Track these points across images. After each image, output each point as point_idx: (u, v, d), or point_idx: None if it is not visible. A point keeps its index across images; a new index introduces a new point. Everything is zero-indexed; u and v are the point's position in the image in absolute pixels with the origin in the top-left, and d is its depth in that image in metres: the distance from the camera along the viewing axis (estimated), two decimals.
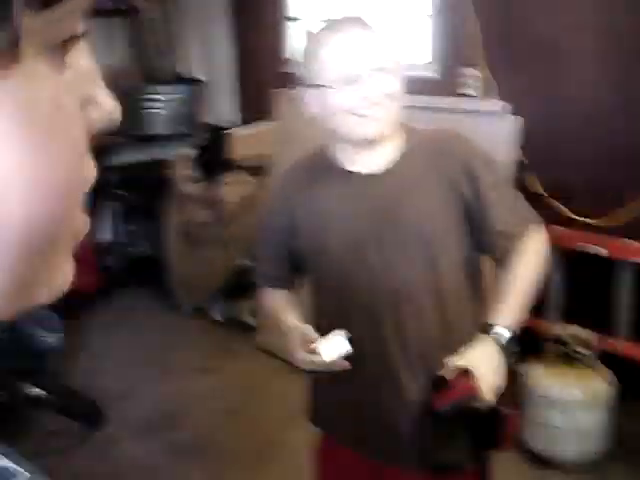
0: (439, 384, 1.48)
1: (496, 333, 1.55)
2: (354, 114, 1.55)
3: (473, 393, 1.45)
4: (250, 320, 4.46)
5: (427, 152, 1.65)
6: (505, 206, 1.64)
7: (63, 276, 0.41)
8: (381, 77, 1.54)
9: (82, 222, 0.42)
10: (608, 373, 2.99)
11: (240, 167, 4.51)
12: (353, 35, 1.55)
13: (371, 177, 1.64)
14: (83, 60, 0.40)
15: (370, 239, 1.62)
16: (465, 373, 1.47)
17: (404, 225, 1.62)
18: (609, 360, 3.12)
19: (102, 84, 0.42)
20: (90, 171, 0.41)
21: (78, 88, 0.39)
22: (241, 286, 4.50)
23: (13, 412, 3.35)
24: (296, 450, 3.26)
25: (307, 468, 3.07)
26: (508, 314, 1.59)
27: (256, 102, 5.06)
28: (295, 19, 4.98)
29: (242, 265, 4.47)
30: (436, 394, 1.49)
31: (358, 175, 1.65)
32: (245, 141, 4.55)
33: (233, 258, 4.47)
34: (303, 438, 3.29)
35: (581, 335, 3.00)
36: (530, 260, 1.63)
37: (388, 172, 1.64)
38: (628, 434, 3.12)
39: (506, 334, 1.56)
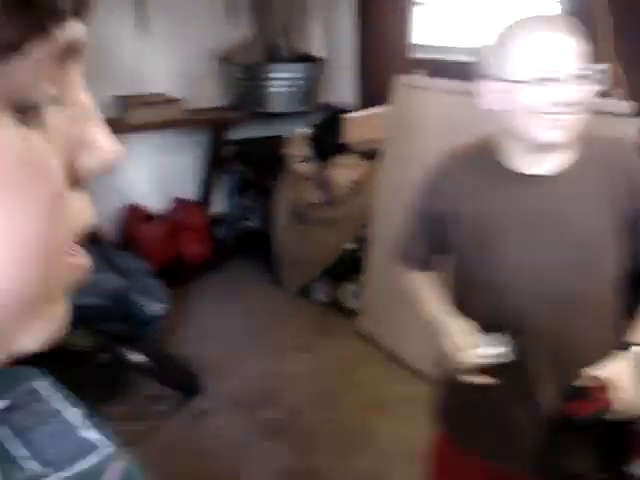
0: (576, 394, 1.47)
1: (636, 351, 1.53)
2: (544, 116, 1.49)
3: (611, 406, 1.45)
4: (353, 304, 4.45)
5: (599, 162, 1.60)
6: None
7: (55, 322, 0.41)
8: (580, 83, 1.47)
9: (73, 269, 0.41)
10: None
11: (353, 150, 4.48)
12: (559, 36, 1.47)
13: (542, 179, 1.60)
14: (79, 97, 0.39)
15: (539, 241, 1.59)
16: (603, 386, 1.46)
17: (571, 231, 1.58)
18: None
19: (100, 123, 0.40)
20: (82, 215, 0.40)
21: (71, 129, 0.38)
22: (347, 269, 4.49)
23: (113, 375, 3.48)
24: (383, 438, 3.26)
25: (393, 456, 3.09)
26: None
27: (376, 86, 5.00)
28: (421, 4, 4.87)
29: (349, 248, 4.45)
30: (572, 403, 1.48)
31: (527, 176, 1.61)
32: (360, 124, 4.50)
33: (341, 241, 4.46)
34: (391, 427, 3.30)
35: None
36: None
37: (559, 177, 1.59)
38: None
39: None
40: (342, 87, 5.48)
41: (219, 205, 5.54)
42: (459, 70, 4.41)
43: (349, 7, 5.39)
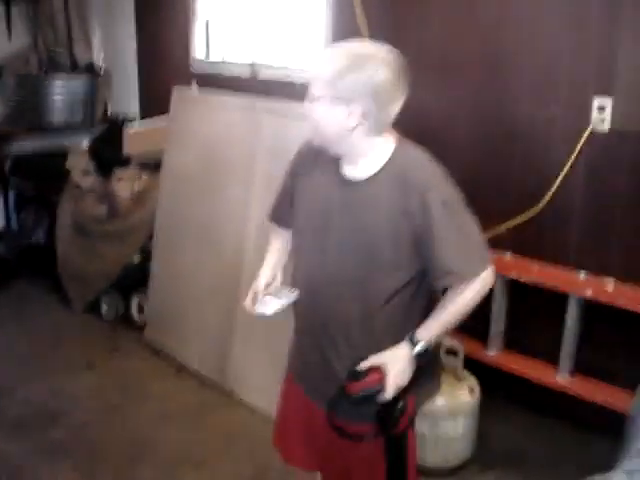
0: (353, 375, 1.80)
1: (413, 342, 1.81)
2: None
3: (379, 386, 1.79)
4: (140, 317, 4.43)
5: (396, 175, 1.78)
6: (453, 246, 1.76)
7: None
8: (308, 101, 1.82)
9: None
10: (474, 382, 3.08)
11: (135, 162, 4.47)
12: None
13: (350, 182, 1.84)
14: None
15: (331, 231, 1.85)
16: (378, 369, 1.80)
17: (358, 230, 1.81)
18: (477, 367, 3.23)
19: None
20: None
21: None
22: (133, 282, 4.47)
23: None
24: (168, 447, 3.28)
25: (178, 464, 3.12)
26: (429, 331, 1.82)
27: (158, 97, 5.01)
28: (202, 17, 4.95)
29: (134, 261, 4.43)
30: (349, 382, 1.81)
31: (344, 178, 1.85)
32: (140, 136, 4.50)
33: (126, 254, 4.42)
34: (175, 438, 3.34)
35: (448, 344, 3.08)
36: (466, 296, 1.79)
37: (363, 182, 1.81)
38: (489, 441, 3.24)
39: (420, 346, 1.81)
40: (125, 98, 5.45)
41: (0, 221, 5.32)
42: (236, 84, 4.54)
43: (130, 18, 5.37)
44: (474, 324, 3.47)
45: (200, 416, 3.53)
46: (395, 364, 1.80)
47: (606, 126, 3.07)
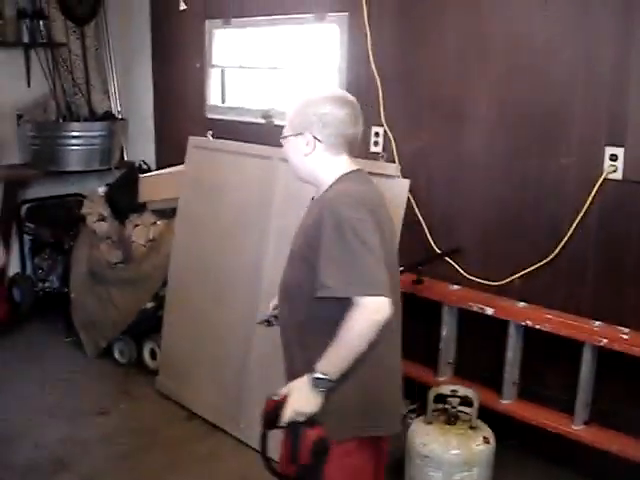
0: (271, 396, 2.01)
1: (313, 377, 1.93)
2: None
3: (277, 409, 1.96)
4: (153, 363, 4.43)
5: (319, 204, 2.03)
6: (335, 262, 1.89)
7: None
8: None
9: None
10: (488, 431, 3.05)
11: (150, 209, 4.51)
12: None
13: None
14: None
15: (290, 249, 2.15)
16: (283, 396, 1.98)
17: (294, 246, 2.11)
18: (490, 416, 3.20)
19: None
20: None
21: None
22: (146, 329, 4.47)
23: None
24: None
25: None
26: (327, 360, 1.93)
27: (173, 144, 5.09)
28: (218, 67, 5.04)
29: (149, 307, 4.44)
30: (267, 401, 2.01)
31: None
32: (156, 183, 4.55)
33: (140, 300, 4.44)
34: None
35: (464, 393, 3.06)
36: (350, 324, 1.88)
37: (311, 203, 2.15)
38: None
39: (316, 374, 1.93)
40: (141, 145, 5.52)
41: (15, 266, 5.36)
42: (251, 130, 4.59)
43: (147, 67, 5.47)
44: (488, 373, 3.50)
45: (211, 464, 3.51)
46: (294, 391, 1.95)
47: (619, 175, 3.09)
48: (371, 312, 1.87)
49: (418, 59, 3.76)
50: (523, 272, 3.41)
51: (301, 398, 1.94)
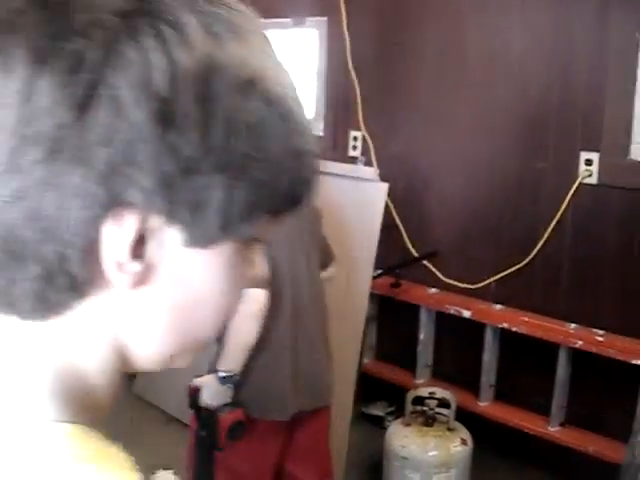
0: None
1: (219, 376, 2.19)
2: None
3: (194, 396, 2.24)
4: None
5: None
6: None
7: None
8: None
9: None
10: (466, 433, 3.08)
11: None
12: None
13: None
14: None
15: None
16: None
17: None
18: (468, 418, 3.23)
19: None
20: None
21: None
22: None
23: None
24: None
25: None
26: (226, 362, 2.18)
27: None
28: None
29: None
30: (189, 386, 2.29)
31: None
32: None
33: None
34: None
35: (441, 395, 3.08)
36: (238, 321, 2.05)
37: None
38: None
39: (225, 376, 2.18)
40: None
41: None
42: None
43: None
44: (465, 375, 3.53)
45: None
46: (204, 388, 2.21)
47: (594, 179, 3.13)
48: (249, 303, 2.05)
49: (397, 64, 3.79)
50: (500, 275, 3.44)
51: (211, 394, 2.18)
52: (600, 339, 3.07)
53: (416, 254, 3.73)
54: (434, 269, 3.67)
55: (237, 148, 0.56)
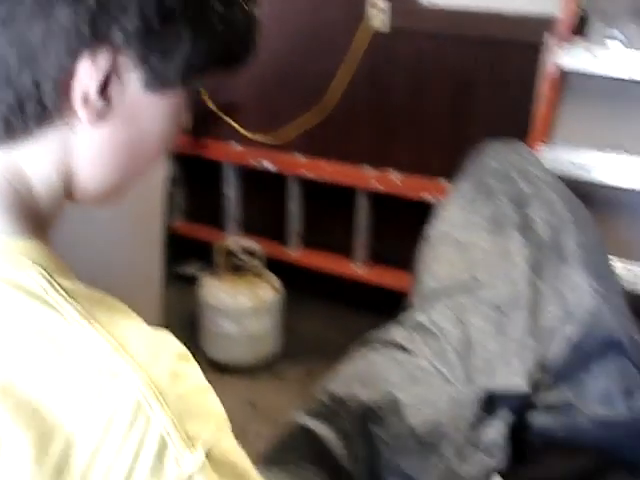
0: None
1: None
2: None
3: None
4: None
5: None
6: None
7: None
8: None
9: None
10: (276, 280, 3.19)
11: None
12: None
13: None
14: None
15: None
16: None
17: None
18: (280, 267, 3.34)
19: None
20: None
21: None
22: None
23: None
24: None
25: None
26: None
27: None
28: None
29: None
30: None
31: None
32: None
33: None
34: None
35: (249, 246, 3.15)
36: None
37: None
38: (296, 335, 3.39)
39: None
40: None
41: None
42: None
43: None
44: (273, 227, 3.61)
45: None
46: None
47: (385, 26, 3.18)
48: None
49: None
50: (300, 126, 3.48)
51: None
52: (397, 182, 3.23)
53: (214, 109, 3.68)
54: (235, 124, 3.65)
55: (209, 1, 0.63)
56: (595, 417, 1.19)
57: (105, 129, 0.65)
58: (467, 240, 1.50)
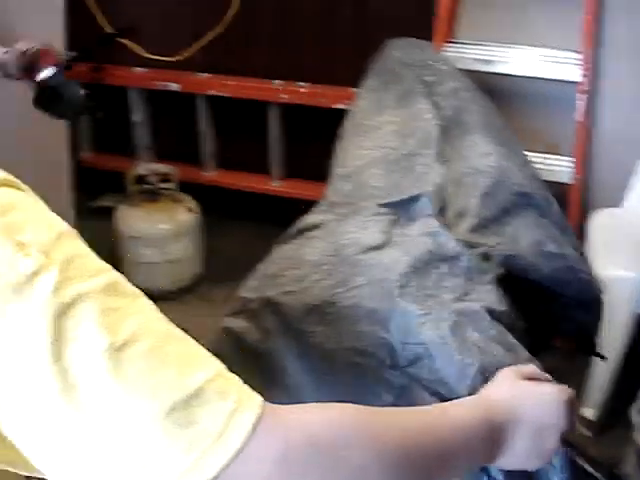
0: None
1: None
2: None
3: None
4: None
5: None
6: None
7: None
8: None
9: None
10: (192, 203, 3.16)
11: None
12: None
13: None
14: None
15: None
16: None
17: None
18: (196, 190, 3.30)
19: None
20: None
21: None
22: None
23: None
24: None
25: None
26: None
27: None
28: None
29: None
30: None
31: None
32: None
33: None
34: None
35: (162, 170, 3.10)
36: None
37: None
38: (218, 256, 3.38)
39: None
40: None
41: None
42: None
43: None
44: (186, 150, 3.55)
45: None
46: None
47: None
48: None
49: None
50: (202, 43, 3.38)
51: None
52: (304, 90, 3.20)
53: (112, 32, 3.53)
54: (135, 46, 3.52)
55: None
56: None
57: None
58: (378, 122, 1.50)
